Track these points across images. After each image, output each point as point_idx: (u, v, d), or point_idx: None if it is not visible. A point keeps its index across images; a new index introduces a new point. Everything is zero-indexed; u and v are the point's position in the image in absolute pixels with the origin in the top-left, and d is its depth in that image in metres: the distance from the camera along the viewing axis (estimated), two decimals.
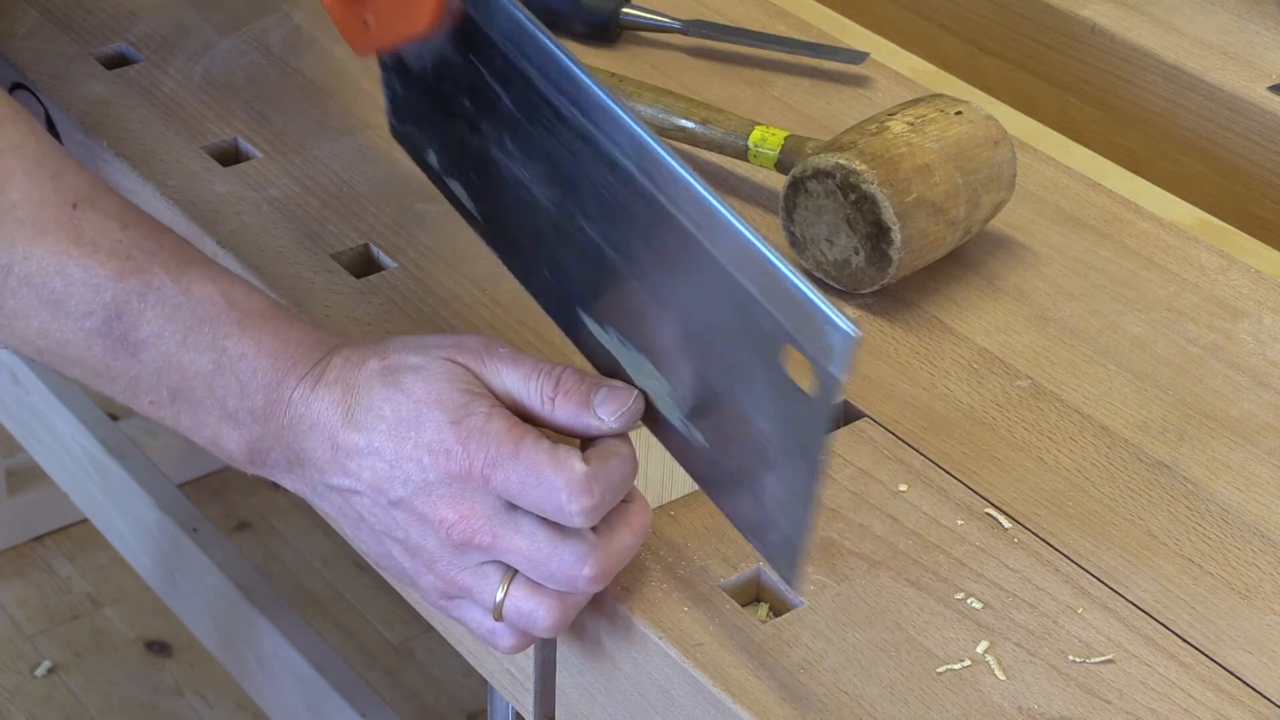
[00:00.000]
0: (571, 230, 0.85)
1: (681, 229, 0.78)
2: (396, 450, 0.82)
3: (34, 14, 1.24)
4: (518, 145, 0.86)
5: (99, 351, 0.85)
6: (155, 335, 0.84)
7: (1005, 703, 0.80)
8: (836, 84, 1.24)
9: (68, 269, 0.84)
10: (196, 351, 0.84)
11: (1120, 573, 0.87)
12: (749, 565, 0.86)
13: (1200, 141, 1.28)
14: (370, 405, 0.82)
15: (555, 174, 0.84)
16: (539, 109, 0.84)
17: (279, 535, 2.19)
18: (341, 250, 1.05)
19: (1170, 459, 0.94)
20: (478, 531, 0.81)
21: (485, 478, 0.80)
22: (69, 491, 1.74)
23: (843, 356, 0.72)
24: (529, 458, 0.80)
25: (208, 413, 0.85)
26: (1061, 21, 1.35)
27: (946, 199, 1.01)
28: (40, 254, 0.84)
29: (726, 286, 0.76)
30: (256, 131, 1.15)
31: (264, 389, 0.84)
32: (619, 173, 0.80)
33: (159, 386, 0.85)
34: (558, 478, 0.79)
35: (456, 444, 0.80)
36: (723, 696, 0.80)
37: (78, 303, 0.84)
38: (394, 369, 0.83)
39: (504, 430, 0.81)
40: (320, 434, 0.83)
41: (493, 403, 0.82)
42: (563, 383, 0.82)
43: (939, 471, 0.92)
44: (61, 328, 0.85)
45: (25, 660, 2.03)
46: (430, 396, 0.81)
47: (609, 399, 0.82)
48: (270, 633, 1.47)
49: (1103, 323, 1.03)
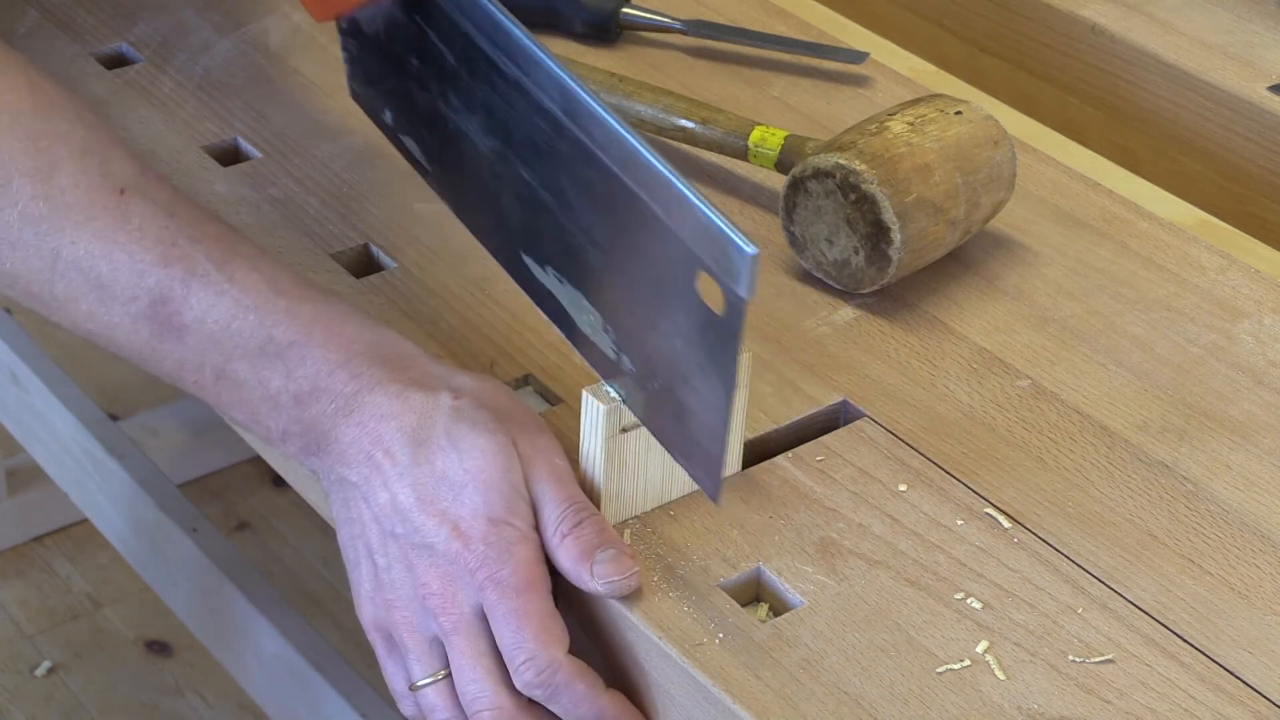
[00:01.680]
0: (509, 176, 0.90)
1: (604, 167, 0.83)
2: (424, 503, 0.83)
3: (34, 14, 1.24)
4: (461, 99, 0.92)
5: (145, 335, 0.87)
6: (199, 320, 0.86)
7: (1005, 703, 0.80)
8: (836, 84, 1.24)
9: (114, 254, 0.85)
10: (242, 336, 0.86)
11: (1120, 573, 0.87)
12: (749, 565, 0.86)
13: (1200, 141, 1.28)
14: (425, 440, 0.84)
15: (493, 124, 0.90)
16: (477, 63, 0.89)
17: (279, 535, 2.19)
18: (341, 250, 1.06)
19: (1170, 459, 0.94)
20: (447, 613, 0.83)
21: (481, 585, 0.82)
22: (69, 491, 1.73)
23: (745, 275, 0.75)
24: (526, 605, 0.82)
25: (250, 392, 0.86)
26: (1061, 21, 1.35)
27: (946, 199, 1.01)
28: (88, 238, 0.85)
29: (643, 218, 0.81)
30: (256, 131, 1.15)
31: (311, 376, 0.85)
32: (548, 118, 0.86)
33: (203, 367, 0.87)
34: (533, 642, 0.82)
35: (479, 540, 0.82)
36: (723, 696, 0.80)
37: (123, 287, 0.86)
38: (462, 416, 0.84)
39: (525, 562, 0.83)
40: (364, 434, 0.84)
41: (531, 524, 0.84)
42: (580, 527, 0.84)
43: (939, 471, 0.92)
44: (108, 311, 0.86)
45: (25, 660, 2.03)
46: (481, 476, 0.83)
47: (609, 562, 0.83)
48: (271, 633, 1.46)
49: (1103, 323, 1.03)
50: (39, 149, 0.86)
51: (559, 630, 0.83)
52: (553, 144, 0.86)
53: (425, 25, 0.93)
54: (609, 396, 0.85)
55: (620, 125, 0.82)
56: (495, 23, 0.88)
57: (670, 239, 0.80)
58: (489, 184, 0.93)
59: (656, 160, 0.80)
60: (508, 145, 0.90)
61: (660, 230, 0.80)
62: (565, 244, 0.88)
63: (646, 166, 0.81)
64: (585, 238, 0.86)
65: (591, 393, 0.85)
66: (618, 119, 0.82)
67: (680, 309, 0.80)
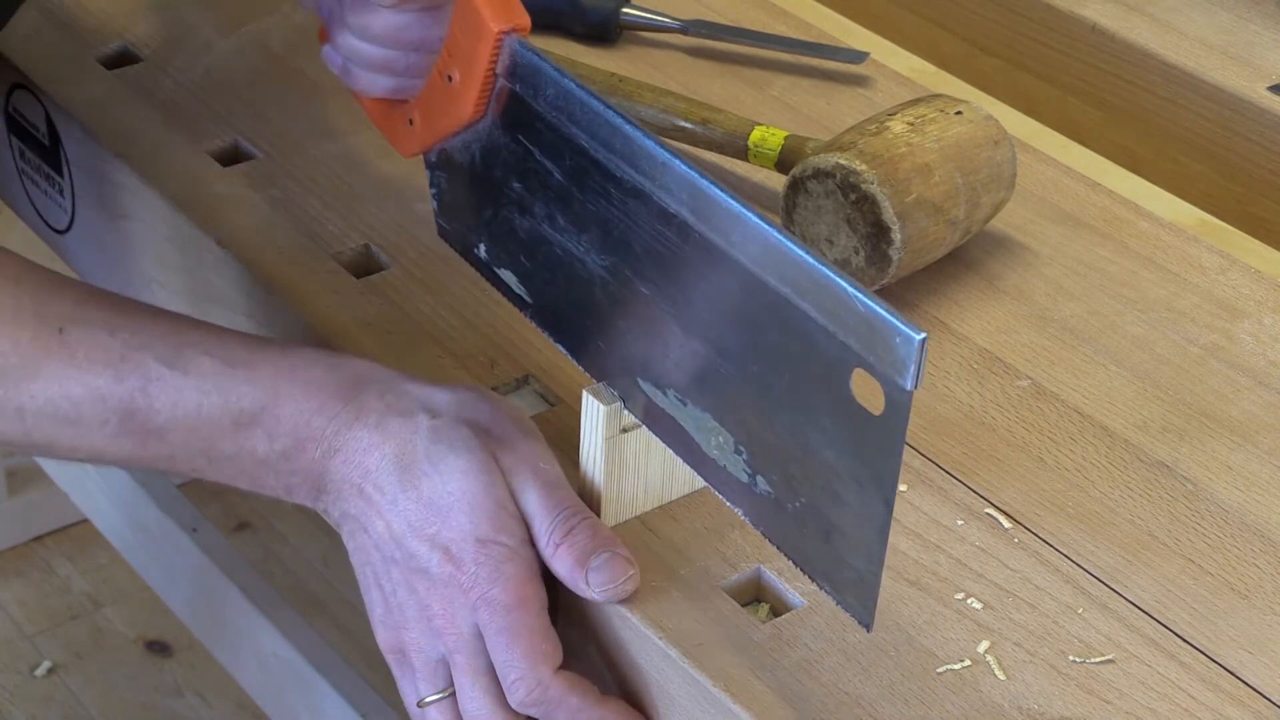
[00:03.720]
0: (626, 295, 0.85)
1: (740, 268, 0.78)
2: (415, 530, 0.84)
3: (34, 14, 1.24)
4: (569, 218, 0.87)
5: (129, 447, 0.89)
6: (171, 419, 0.88)
7: (1005, 703, 0.80)
8: (836, 84, 1.24)
9: (71, 391, 0.87)
10: (213, 419, 0.87)
11: (1120, 573, 0.87)
12: (749, 565, 0.86)
13: (1200, 141, 1.28)
14: (408, 465, 0.84)
15: (608, 239, 0.85)
16: (589, 174, 0.85)
17: (279, 535, 2.19)
18: (341, 250, 1.05)
19: (1170, 459, 0.94)
20: (449, 634, 0.84)
21: (475, 605, 0.83)
22: (69, 491, 1.73)
23: (911, 365, 0.70)
24: (516, 623, 0.83)
25: (243, 463, 0.88)
26: (1061, 21, 1.35)
27: (946, 199, 1.01)
28: (42, 388, 0.87)
29: (788, 317, 0.76)
30: (256, 131, 1.15)
31: (290, 431, 0.87)
32: (674, 223, 0.81)
33: (193, 456, 0.89)
34: (522, 660, 0.83)
35: (470, 562, 0.83)
36: (723, 697, 0.80)
37: (91, 416, 0.88)
38: (440, 437, 0.85)
39: (515, 580, 0.83)
40: (352, 469, 0.86)
41: (521, 538, 0.84)
42: (573, 534, 0.84)
43: (939, 471, 0.92)
44: (88, 439, 0.88)
45: (25, 660, 2.03)
46: (465, 497, 0.84)
47: (604, 568, 0.83)
48: (270, 633, 1.46)
49: (1103, 323, 1.03)
50: None
51: (549, 647, 0.83)
52: (678, 251, 0.81)
53: (529, 142, 0.88)
54: (609, 396, 0.85)
55: (761, 219, 0.76)
56: (613, 127, 0.83)
57: (820, 337, 0.74)
58: (600, 306, 0.86)
59: (803, 252, 0.74)
60: (624, 260, 0.84)
61: (808, 329, 0.74)
62: (691, 362, 0.82)
63: (793, 261, 0.75)
64: (713, 350, 0.80)
65: (591, 393, 0.85)
66: (757, 212, 0.77)
67: (831, 414, 0.75)
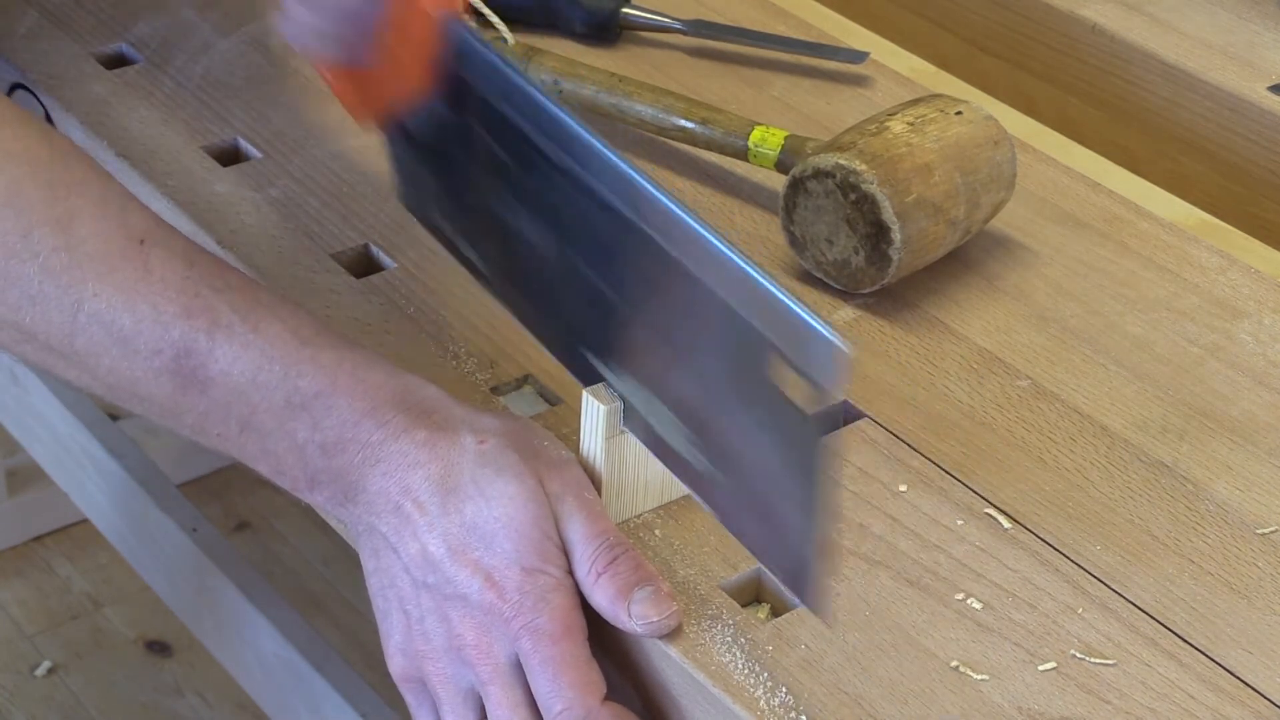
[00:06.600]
0: (571, 275, 0.85)
1: (668, 257, 0.79)
2: (456, 553, 0.82)
3: (34, 14, 1.24)
4: (515, 196, 0.87)
5: (168, 389, 0.84)
6: (224, 373, 0.84)
7: (1005, 703, 0.80)
8: (836, 84, 1.24)
9: (137, 306, 0.83)
10: (267, 388, 0.84)
11: (1120, 573, 0.87)
12: (749, 565, 0.86)
13: (1200, 141, 1.28)
14: (454, 488, 0.82)
15: (552, 221, 0.86)
16: (531, 158, 0.85)
17: (279, 535, 2.19)
18: (341, 250, 1.05)
19: (1170, 459, 0.94)
20: (483, 664, 0.82)
21: (517, 634, 0.81)
22: (69, 491, 1.73)
23: (830, 369, 0.72)
24: (563, 654, 0.81)
25: (276, 443, 0.85)
26: (1061, 21, 1.35)
27: (946, 199, 1.01)
28: (110, 290, 0.83)
29: (715, 308, 0.77)
30: (256, 131, 1.15)
31: (338, 426, 0.84)
32: (608, 211, 0.82)
33: (228, 420, 0.85)
34: (570, 690, 0.81)
35: (514, 590, 0.81)
36: (723, 697, 0.80)
37: (147, 340, 0.83)
38: (488, 461, 0.83)
39: (561, 609, 0.81)
40: (392, 483, 0.83)
41: (565, 568, 0.82)
42: (615, 564, 0.82)
43: (939, 471, 0.92)
44: (131, 366, 0.84)
45: (25, 660, 2.03)
46: (511, 524, 0.81)
47: (647, 600, 0.81)
48: (270, 633, 1.46)
49: (1103, 323, 1.03)
50: (57, 197, 0.83)
51: (596, 677, 0.81)
52: (614, 237, 0.82)
53: (473, 120, 0.89)
54: (609, 396, 0.85)
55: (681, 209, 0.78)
56: (546, 113, 0.84)
57: (744, 328, 0.76)
58: (551, 284, 0.88)
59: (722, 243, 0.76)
60: (567, 243, 0.86)
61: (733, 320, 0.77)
62: (633, 342, 0.84)
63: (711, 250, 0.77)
64: (653, 334, 0.82)
65: (591, 393, 0.85)
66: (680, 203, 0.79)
67: (759, 404, 0.76)
